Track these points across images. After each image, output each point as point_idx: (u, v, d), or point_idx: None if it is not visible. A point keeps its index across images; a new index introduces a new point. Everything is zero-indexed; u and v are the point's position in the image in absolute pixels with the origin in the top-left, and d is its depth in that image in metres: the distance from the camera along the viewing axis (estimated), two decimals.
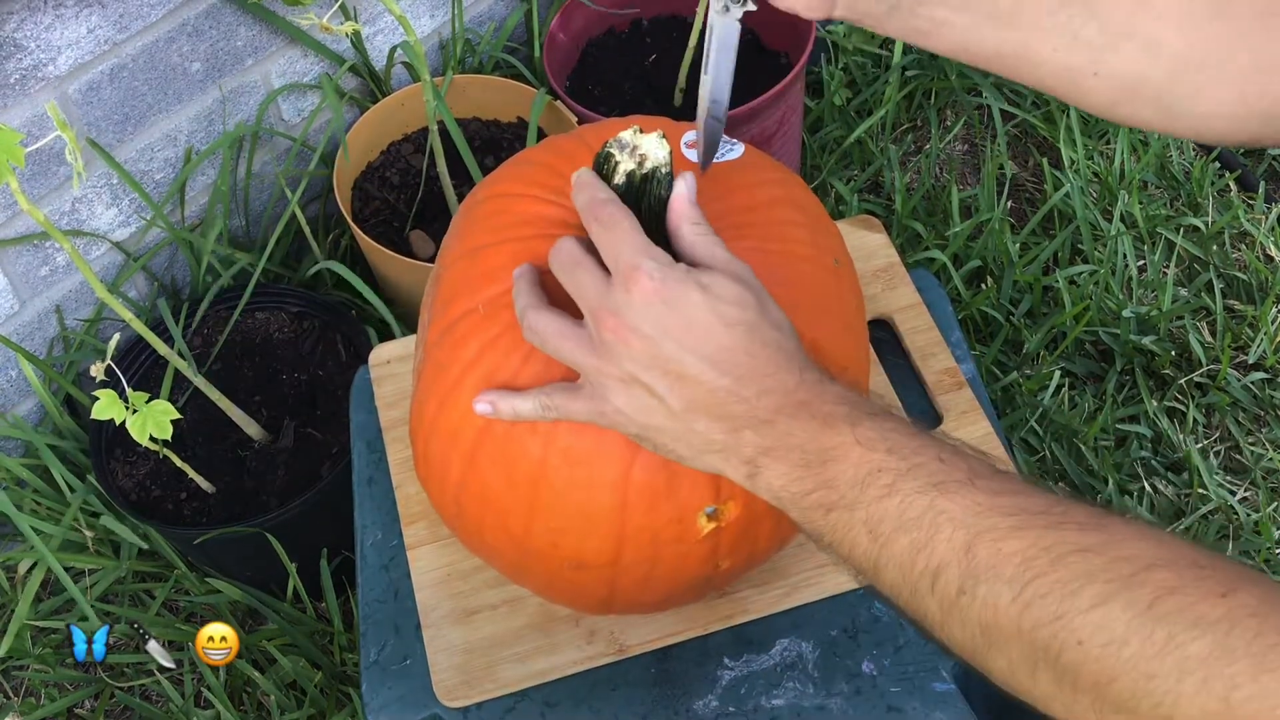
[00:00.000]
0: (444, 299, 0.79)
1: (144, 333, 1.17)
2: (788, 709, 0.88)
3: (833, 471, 0.63)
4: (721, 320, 0.64)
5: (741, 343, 0.65)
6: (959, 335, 1.07)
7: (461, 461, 0.78)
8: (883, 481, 0.61)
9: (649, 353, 0.65)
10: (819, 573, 0.93)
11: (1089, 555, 0.55)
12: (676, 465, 0.74)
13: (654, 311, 0.64)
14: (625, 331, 0.65)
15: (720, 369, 0.65)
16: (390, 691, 0.91)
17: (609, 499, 0.75)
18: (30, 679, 1.45)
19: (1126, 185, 1.77)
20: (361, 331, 1.47)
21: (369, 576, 0.98)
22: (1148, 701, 0.52)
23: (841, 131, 1.84)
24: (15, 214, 1.38)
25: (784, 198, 0.83)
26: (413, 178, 1.63)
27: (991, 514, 0.58)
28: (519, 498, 0.77)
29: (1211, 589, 0.53)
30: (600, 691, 0.90)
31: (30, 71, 1.31)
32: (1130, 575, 0.54)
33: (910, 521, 0.60)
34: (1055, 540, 0.56)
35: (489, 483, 0.78)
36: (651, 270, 0.64)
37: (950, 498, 0.59)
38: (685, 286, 0.64)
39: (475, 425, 0.76)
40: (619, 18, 1.78)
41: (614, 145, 0.70)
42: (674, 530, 0.77)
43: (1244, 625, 0.51)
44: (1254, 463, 1.56)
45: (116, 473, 1.41)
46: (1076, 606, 0.54)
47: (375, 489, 1.02)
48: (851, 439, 0.63)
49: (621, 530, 0.77)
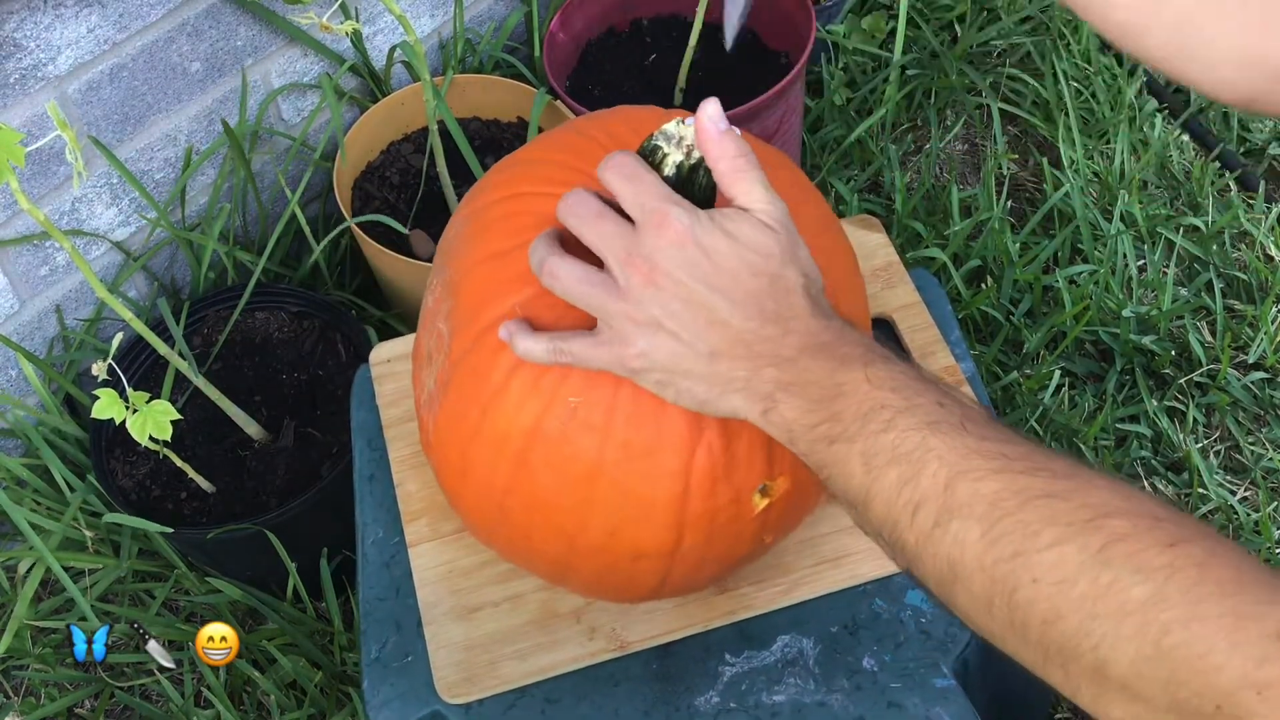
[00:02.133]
0: (469, 307, 0.78)
1: (144, 332, 1.17)
2: (789, 705, 0.88)
3: (840, 405, 0.66)
4: (748, 268, 0.67)
5: (765, 289, 0.67)
6: (958, 334, 1.07)
7: (510, 466, 0.77)
8: (883, 417, 0.64)
9: (680, 296, 0.67)
10: (819, 570, 0.93)
11: (1055, 500, 0.58)
12: (734, 443, 0.75)
13: (686, 255, 0.66)
14: (658, 275, 0.66)
15: (747, 312, 0.67)
16: (391, 689, 0.91)
17: (671, 487, 0.76)
18: (30, 679, 1.45)
19: (1126, 185, 1.78)
20: (361, 331, 1.47)
21: (370, 574, 0.98)
22: (1087, 642, 0.54)
23: (841, 131, 1.84)
24: (15, 213, 1.38)
25: (788, 178, 0.84)
26: (413, 178, 1.63)
27: (975, 456, 0.61)
28: (575, 497, 0.77)
29: (1160, 539, 0.54)
30: (602, 687, 0.90)
31: (30, 71, 1.31)
32: (1088, 520, 0.56)
33: (902, 455, 0.62)
34: (1027, 484, 0.59)
35: (541, 485, 0.77)
36: (680, 215, 0.66)
37: (941, 437, 0.62)
38: (713, 234, 0.66)
39: (523, 428, 0.76)
40: (619, 18, 1.78)
41: (660, 138, 0.70)
42: (731, 511, 0.78)
43: (1184, 574, 0.53)
44: (1254, 463, 1.56)
45: (116, 473, 1.41)
46: (1035, 546, 0.56)
47: (376, 486, 1.02)
48: (863, 376, 0.66)
49: (681, 517, 0.77)
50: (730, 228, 0.67)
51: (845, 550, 0.94)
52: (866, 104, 1.89)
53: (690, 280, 0.66)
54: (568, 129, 0.87)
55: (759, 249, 0.67)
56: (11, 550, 1.42)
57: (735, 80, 1.69)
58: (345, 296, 1.63)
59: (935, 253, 1.66)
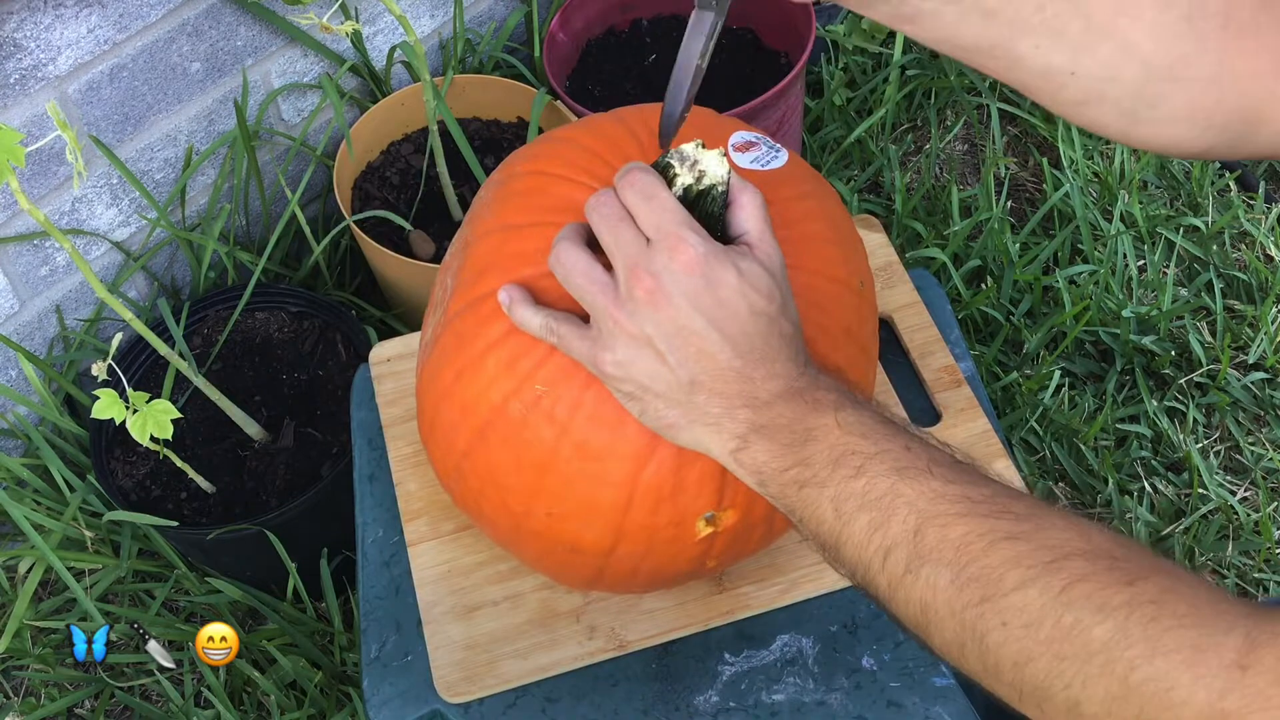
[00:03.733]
0: (473, 270, 0.79)
1: (144, 332, 1.17)
2: (788, 704, 0.88)
3: (811, 450, 0.66)
4: (749, 307, 0.67)
5: (761, 331, 0.68)
6: (958, 334, 1.07)
7: (471, 434, 0.79)
8: (853, 463, 0.65)
9: (676, 321, 0.67)
10: (818, 570, 0.93)
11: (1017, 542, 0.59)
12: (685, 470, 0.76)
13: (692, 283, 0.66)
14: (660, 295, 0.67)
15: (737, 350, 0.68)
16: (392, 688, 0.91)
17: (615, 495, 0.76)
18: (30, 679, 1.45)
19: (1126, 185, 1.78)
20: (361, 331, 1.47)
21: (370, 573, 0.98)
22: (1059, 682, 0.56)
23: (841, 131, 1.84)
24: (15, 213, 1.38)
25: (818, 212, 0.84)
26: (413, 178, 1.63)
27: (942, 501, 0.62)
28: (524, 480, 0.78)
29: (1119, 578, 0.56)
30: (601, 686, 0.90)
31: (30, 71, 1.31)
32: (1049, 562, 0.57)
33: (871, 502, 0.63)
34: (991, 528, 0.60)
35: (496, 461, 0.78)
36: (695, 243, 0.67)
37: (909, 483, 0.63)
38: (723, 267, 0.67)
39: (490, 404, 0.77)
40: (619, 18, 1.78)
41: (674, 156, 0.71)
42: (671, 532, 0.78)
43: (1142, 611, 0.54)
44: (1254, 463, 1.56)
45: (116, 472, 1.41)
46: (1000, 590, 0.58)
47: (376, 486, 1.02)
48: (834, 421, 0.67)
49: (621, 525, 0.78)
50: (741, 265, 0.67)
51: None
52: (866, 104, 1.89)
53: (690, 308, 0.66)
54: (610, 117, 0.87)
55: (763, 290, 0.68)
56: (12, 550, 1.42)
57: (735, 80, 1.69)
58: (345, 296, 1.63)
59: (935, 253, 1.66)
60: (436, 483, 0.99)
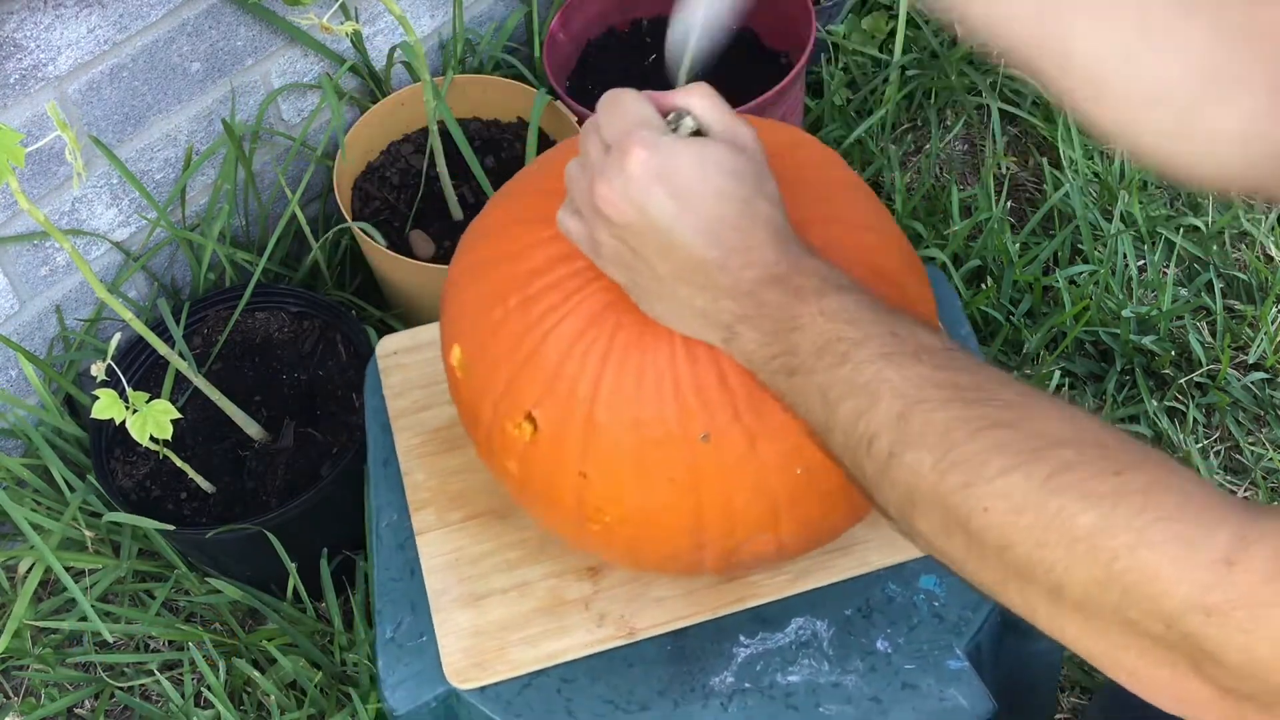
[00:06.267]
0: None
1: (144, 333, 1.17)
2: (803, 685, 0.88)
3: (796, 338, 0.66)
4: (714, 191, 0.67)
5: (731, 215, 0.67)
6: (968, 330, 1.08)
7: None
8: (838, 350, 0.64)
9: (640, 222, 0.67)
10: (828, 558, 0.94)
11: (1003, 430, 0.58)
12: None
13: (646, 181, 0.67)
14: (616, 200, 0.67)
15: (709, 240, 0.67)
16: (407, 668, 0.92)
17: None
18: (30, 679, 1.45)
19: (1126, 185, 1.77)
20: (361, 331, 1.47)
21: (385, 556, 0.98)
22: (1041, 567, 0.55)
23: (841, 131, 1.84)
24: (15, 214, 1.38)
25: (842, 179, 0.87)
26: (413, 178, 1.63)
27: (928, 386, 0.61)
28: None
29: (1106, 467, 0.55)
30: (617, 668, 0.90)
31: (30, 71, 1.31)
32: (1035, 450, 0.57)
33: (858, 388, 0.63)
34: (977, 414, 0.59)
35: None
36: (645, 138, 0.67)
37: (895, 369, 0.62)
38: (679, 156, 0.67)
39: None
40: (619, 18, 1.78)
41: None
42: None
43: (1129, 501, 0.54)
44: (1254, 463, 1.56)
45: (116, 473, 1.41)
46: (983, 475, 0.57)
47: (390, 470, 1.03)
48: (816, 309, 0.66)
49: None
50: (703, 151, 0.67)
51: (855, 539, 0.94)
52: (867, 104, 1.89)
53: (650, 206, 0.67)
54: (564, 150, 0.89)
55: (729, 170, 0.67)
56: (12, 550, 1.42)
57: (735, 80, 1.69)
58: (345, 296, 1.63)
59: (935, 253, 1.66)
60: (443, 473, 1.00)
